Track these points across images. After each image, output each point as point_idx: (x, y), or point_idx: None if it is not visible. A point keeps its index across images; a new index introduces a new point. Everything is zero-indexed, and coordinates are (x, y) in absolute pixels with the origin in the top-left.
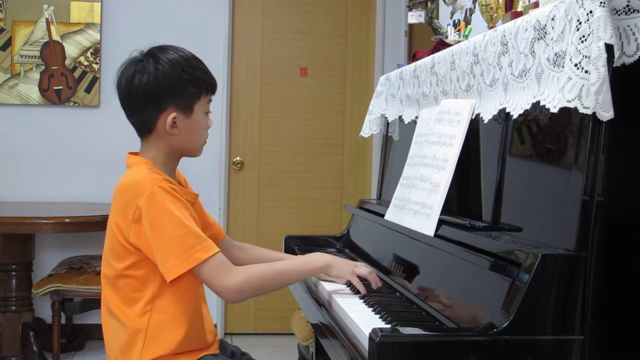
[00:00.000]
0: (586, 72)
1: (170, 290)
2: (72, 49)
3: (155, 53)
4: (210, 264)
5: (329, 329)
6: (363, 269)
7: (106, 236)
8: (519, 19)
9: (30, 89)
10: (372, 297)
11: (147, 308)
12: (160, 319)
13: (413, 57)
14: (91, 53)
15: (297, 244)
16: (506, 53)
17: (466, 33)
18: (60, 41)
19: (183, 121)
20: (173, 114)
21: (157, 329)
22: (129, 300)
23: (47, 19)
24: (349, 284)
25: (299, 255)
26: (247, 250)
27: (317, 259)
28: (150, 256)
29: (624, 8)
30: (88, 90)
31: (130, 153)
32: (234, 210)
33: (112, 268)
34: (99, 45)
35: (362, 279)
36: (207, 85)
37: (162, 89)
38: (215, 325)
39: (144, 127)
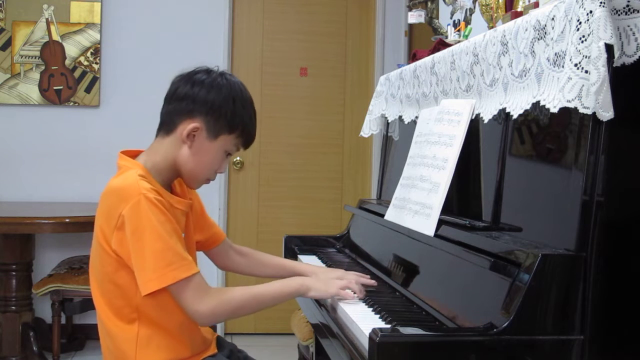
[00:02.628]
0: (586, 72)
1: (154, 300)
2: (72, 49)
3: (224, 73)
4: (185, 284)
5: (329, 329)
6: (344, 281)
7: (93, 239)
8: (519, 19)
9: (30, 89)
10: (372, 297)
11: (134, 316)
12: (149, 327)
13: (413, 57)
14: (91, 53)
15: (297, 244)
16: (506, 53)
17: (466, 33)
18: (60, 41)
19: (202, 141)
20: (196, 125)
21: (148, 338)
22: (115, 307)
23: (47, 19)
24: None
25: (279, 280)
26: (247, 256)
27: (294, 281)
28: (130, 265)
29: (624, 8)
30: (88, 90)
31: (122, 152)
32: (234, 210)
33: (97, 272)
34: (99, 45)
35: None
36: (244, 130)
37: (205, 99)
38: (215, 326)
39: (167, 123)
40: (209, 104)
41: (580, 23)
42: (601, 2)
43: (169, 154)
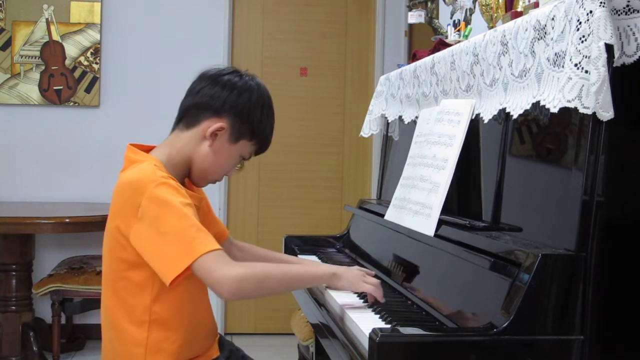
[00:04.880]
0: (586, 72)
1: (169, 297)
2: (72, 49)
3: (256, 78)
4: (212, 255)
5: (329, 329)
6: (372, 280)
7: (105, 237)
8: (519, 19)
9: (30, 89)
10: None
11: (145, 318)
12: (159, 331)
13: (413, 57)
14: (91, 53)
15: (297, 244)
16: (506, 53)
17: (466, 33)
18: (60, 41)
19: (223, 142)
20: (222, 124)
21: (158, 343)
22: (127, 306)
23: (47, 19)
24: None
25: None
26: (247, 250)
27: (326, 266)
28: (146, 258)
29: (624, 8)
30: (88, 90)
31: (132, 145)
32: (234, 210)
33: (111, 269)
34: (99, 45)
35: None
36: (264, 138)
37: (236, 103)
38: (216, 326)
39: (189, 117)
40: (239, 107)
41: (580, 23)
42: (601, 2)
43: (186, 149)
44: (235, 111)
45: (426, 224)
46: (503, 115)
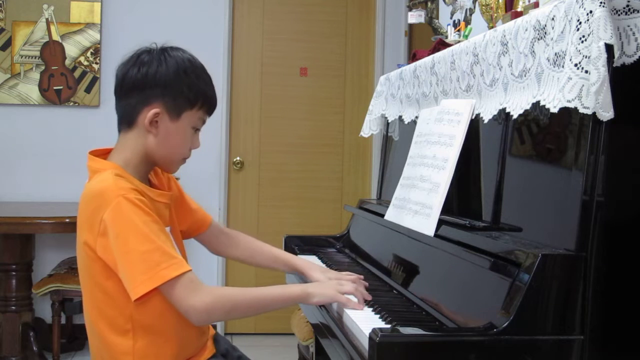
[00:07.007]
0: (586, 72)
1: (147, 305)
2: (72, 49)
3: (166, 48)
4: (177, 282)
5: (329, 329)
6: (348, 286)
7: (77, 250)
8: (519, 19)
9: (30, 89)
10: (372, 297)
11: (128, 327)
12: (145, 337)
13: (413, 57)
14: (91, 53)
15: (297, 244)
16: (506, 53)
17: (466, 33)
18: (60, 41)
19: (166, 124)
20: (156, 110)
21: (145, 349)
22: (108, 318)
23: (47, 19)
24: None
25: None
26: (239, 242)
27: (296, 287)
28: (115, 270)
29: (624, 8)
30: (88, 90)
31: (92, 153)
32: (234, 210)
33: (87, 282)
34: (99, 45)
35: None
36: (205, 99)
37: (156, 81)
38: (215, 326)
39: (126, 117)
40: (161, 84)
41: (580, 23)
42: (601, 2)
43: (137, 147)
44: (160, 90)
45: (426, 224)
46: (503, 115)
